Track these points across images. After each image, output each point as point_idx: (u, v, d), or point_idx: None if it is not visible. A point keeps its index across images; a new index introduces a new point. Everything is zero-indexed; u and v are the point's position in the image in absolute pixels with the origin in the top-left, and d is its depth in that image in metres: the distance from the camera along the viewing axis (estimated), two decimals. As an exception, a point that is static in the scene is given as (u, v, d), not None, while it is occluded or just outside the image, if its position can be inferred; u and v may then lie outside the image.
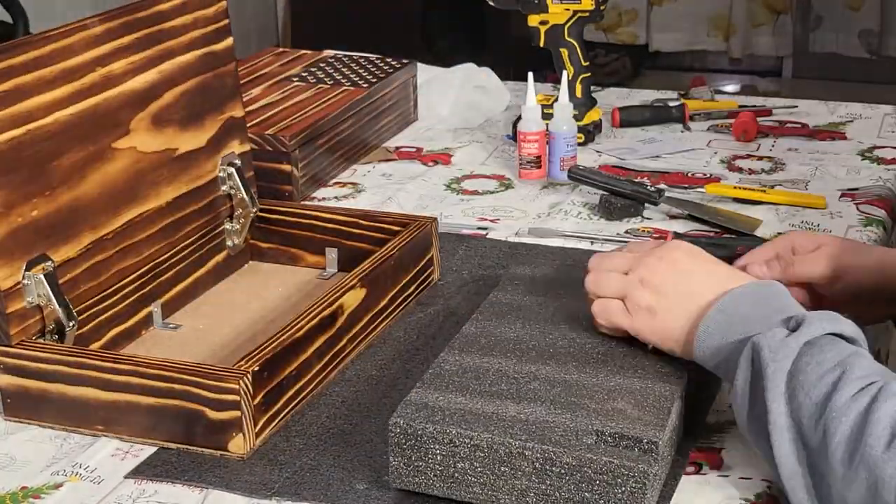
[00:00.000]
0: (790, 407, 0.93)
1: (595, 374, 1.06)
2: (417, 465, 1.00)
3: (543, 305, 1.18)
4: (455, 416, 0.99)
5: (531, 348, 1.10)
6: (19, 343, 1.14)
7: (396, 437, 1.00)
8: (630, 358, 1.08)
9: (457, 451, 0.98)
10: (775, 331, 0.97)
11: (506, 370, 1.07)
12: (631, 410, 1.00)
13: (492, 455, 0.97)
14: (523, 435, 0.97)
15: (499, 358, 1.09)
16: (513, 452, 0.97)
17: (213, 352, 1.26)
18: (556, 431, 0.97)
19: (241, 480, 1.05)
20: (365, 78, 1.83)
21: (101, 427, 1.12)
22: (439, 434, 0.98)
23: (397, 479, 1.01)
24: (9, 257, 1.12)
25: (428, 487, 1.00)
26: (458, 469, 0.99)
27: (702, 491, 1.02)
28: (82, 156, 1.20)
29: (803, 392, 0.93)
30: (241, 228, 1.43)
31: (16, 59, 1.13)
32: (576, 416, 0.99)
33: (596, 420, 0.98)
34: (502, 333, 1.13)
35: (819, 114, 1.97)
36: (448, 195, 1.67)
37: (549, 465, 0.96)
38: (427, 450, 0.99)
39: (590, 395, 1.02)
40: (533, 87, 1.70)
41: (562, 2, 1.78)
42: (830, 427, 0.90)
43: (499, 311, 1.18)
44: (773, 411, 0.94)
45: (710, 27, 5.06)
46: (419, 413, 1.00)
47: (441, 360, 1.09)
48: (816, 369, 0.93)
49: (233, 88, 1.41)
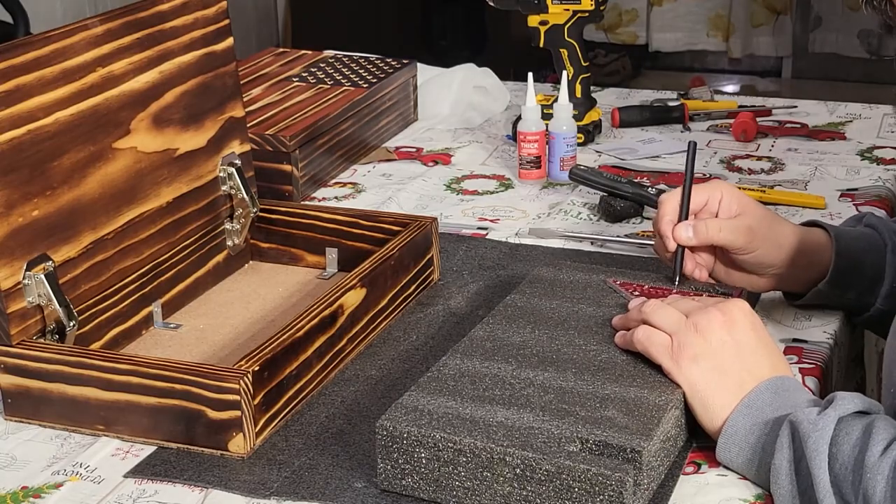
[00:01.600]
0: (831, 475, 0.95)
1: (592, 382, 1.05)
2: (404, 467, 1.00)
3: (556, 310, 1.18)
4: (441, 421, 1.00)
5: (534, 354, 1.10)
6: (20, 343, 1.14)
7: (383, 440, 1.00)
8: (630, 367, 1.08)
9: (441, 455, 0.99)
10: (809, 409, 0.99)
11: (503, 375, 1.07)
12: (620, 419, 1.00)
13: (474, 460, 0.97)
14: (505, 441, 0.97)
15: (499, 363, 1.09)
16: (494, 458, 0.97)
17: (214, 352, 1.26)
18: (540, 438, 0.97)
19: (241, 480, 1.05)
20: (365, 78, 1.83)
21: (101, 427, 1.12)
22: (424, 438, 0.99)
23: (385, 482, 1.02)
24: (9, 257, 1.12)
25: (414, 490, 1.01)
26: (442, 473, 0.99)
27: (701, 491, 1.02)
28: (83, 156, 1.20)
29: (839, 463, 0.95)
30: (242, 228, 1.43)
31: (16, 60, 1.13)
32: (563, 423, 0.99)
33: (583, 428, 0.98)
34: (509, 338, 1.13)
35: (818, 114, 1.97)
36: (448, 195, 1.67)
37: (529, 472, 0.96)
38: (412, 453, 1.00)
39: (582, 403, 1.02)
40: (533, 87, 1.70)
41: (562, 2, 1.78)
42: (868, 487, 0.92)
43: (511, 314, 1.18)
44: (819, 481, 0.95)
45: (710, 27, 5.06)
46: (406, 416, 1.01)
47: (441, 364, 1.09)
48: (847, 440, 0.95)
49: (233, 88, 1.41)
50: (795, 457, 0.98)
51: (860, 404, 0.98)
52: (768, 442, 1.00)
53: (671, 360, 1.06)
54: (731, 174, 1.71)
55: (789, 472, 0.98)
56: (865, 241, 1.28)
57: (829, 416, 0.97)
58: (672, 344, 1.06)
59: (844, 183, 1.67)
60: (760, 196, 1.60)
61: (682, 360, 1.05)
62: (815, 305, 1.30)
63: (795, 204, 1.59)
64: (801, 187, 1.66)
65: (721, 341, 1.05)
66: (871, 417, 0.97)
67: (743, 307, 1.08)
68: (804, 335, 1.26)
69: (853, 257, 1.26)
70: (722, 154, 1.79)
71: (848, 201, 1.60)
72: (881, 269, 1.27)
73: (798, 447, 0.97)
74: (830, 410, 0.97)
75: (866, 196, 1.62)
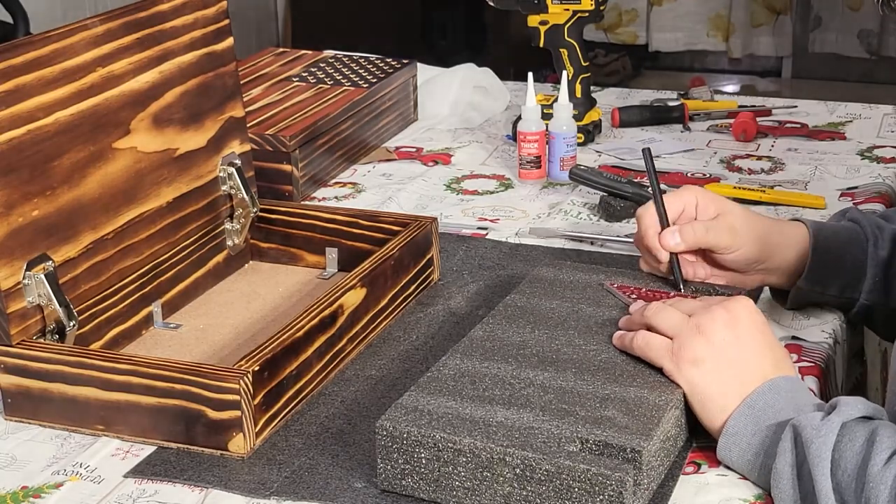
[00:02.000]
0: (834, 482, 0.94)
1: (592, 382, 1.05)
2: (404, 468, 1.00)
3: (556, 310, 1.18)
4: (441, 421, 1.00)
5: (534, 354, 1.10)
6: (20, 343, 1.14)
7: (383, 440, 1.00)
8: (630, 367, 1.08)
9: (441, 456, 0.99)
10: (812, 414, 0.98)
11: (503, 375, 1.07)
12: (620, 418, 0.99)
13: (474, 460, 0.97)
14: (505, 441, 0.97)
15: (499, 363, 1.09)
16: (494, 458, 0.97)
17: (214, 352, 1.26)
18: (540, 438, 0.97)
19: (241, 480, 1.05)
20: (365, 78, 1.83)
21: (101, 427, 1.12)
22: (424, 438, 0.99)
23: (385, 482, 1.02)
24: (9, 257, 1.12)
25: (414, 490, 1.01)
26: (442, 473, 0.99)
27: (701, 491, 1.02)
28: (83, 156, 1.20)
29: (841, 470, 0.94)
30: (242, 228, 1.43)
31: (16, 60, 1.13)
32: (563, 423, 0.99)
33: (583, 427, 0.98)
34: (509, 338, 1.13)
35: (818, 114, 1.97)
36: (448, 195, 1.67)
37: (529, 472, 0.96)
38: (412, 453, 1.00)
39: (582, 403, 1.02)
40: (533, 87, 1.70)
41: (561, 2, 1.78)
42: (871, 497, 0.92)
43: (511, 314, 1.18)
44: (821, 487, 0.94)
45: (710, 27, 5.06)
46: (406, 416, 1.01)
47: (441, 364, 1.09)
48: (850, 447, 0.95)
49: (233, 88, 1.41)
50: (798, 461, 0.97)
51: (863, 409, 0.98)
52: (770, 445, 1.00)
53: (671, 363, 1.06)
54: (731, 174, 1.71)
55: (791, 477, 0.97)
56: (846, 235, 1.27)
57: (833, 423, 0.96)
58: (672, 346, 1.06)
59: (844, 182, 1.67)
60: (760, 196, 1.60)
61: (683, 362, 1.05)
62: (814, 304, 1.30)
63: (795, 204, 1.59)
64: (801, 187, 1.66)
65: (724, 340, 1.05)
66: (874, 424, 0.97)
67: (747, 305, 1.07)
68: (803, 334, 1.26)
69: (832, 251, 1.25)
70: (722, 154, 1.80)
71: (848, 200, 1.60)
72: (863, 263, 1.26)
73: (800, 452, 0.97)
74: (834, 416, 0.97)
75: (866, 193, 1.62)
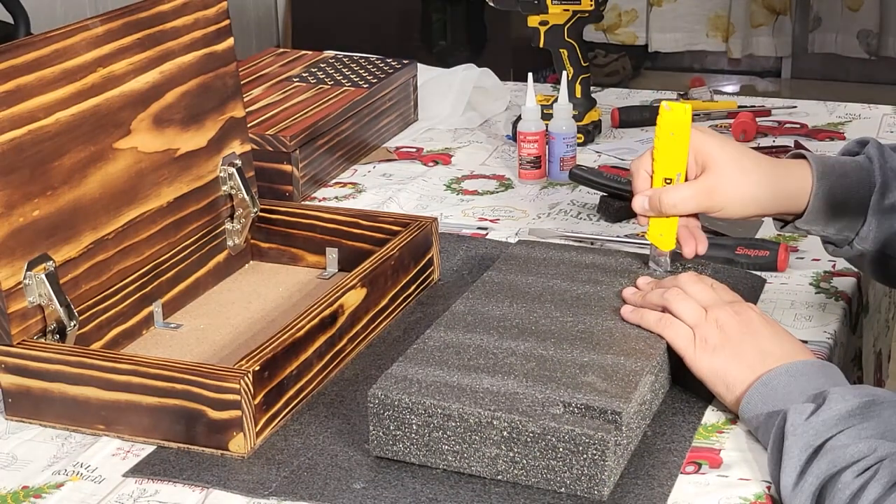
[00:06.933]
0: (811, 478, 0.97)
1: (571, 351, 1.11)
2: (395, 434, 1.05)
3: (532, 285, 1.23)
4: (431, 388, 1.04)
5: (514, 325, 1.15)
6: (21, 343, 1.14)
7: (375, 408, 1.05)
8: (607, 336, 1.13)
9: (431, 421, 1.03)
10: (804, 406, 1.01)
11: (486, 346, 1.12)
12: (599, 384, 1.05)
13: (463, 424, 1.02)
14: (493, 406, 1.02)
15: (481, 334, 1.14)
16: (482, 422, 1.01)
17: (214, 352, 1.27)
18: (525, 402, 1.02)
19: (241, 480, 1.05)
20: (365, 78, 1.84)
21: (101, 426, 1.12)
22: (415, 405, 1.03)
23: (377, 448, 1.06)
24: (10, 257, 1.13)
25: (405, 455, 1.05)
26: (432, 438, 1.04)
27: (701, 491, 1.03)
28: (83, 156, 1.20)
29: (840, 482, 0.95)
30: (242, 228, 1.43)
31: (17, 60, 1.13)
32: (546, 388, 1.04)
33: (565, 392, 1.03)
34: (489, 311, 1.18)
35: (818, 114, 1.97)
36: (448, 195, 1.67)
37: (515, 434, 1.01)
38: (403, 419, 1.04)
39: (562, 370, 1.07)
40: (533, 88, 1.70)
41: (561, 2, 1.78)
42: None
43: (489, 289, 1.23)
44: (784, 485, 0.98)
45: (710, 27, 5.06)
46: (397, 385, 1.05)
47: (426, 337, 1.13)
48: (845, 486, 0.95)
49: (233, 89, 1.41)
50: (775, 448, 1.02)
51: (852, 400, 0.99)
52: (770, 426, 1.04)
53: (694, 353, 1.11)
54: (730, 174, 1.71)
55: (774, 458, 1.01)
56: (855, 177, 1.20)
57: (812, 424, 0.98)
58: (695, 337, 1.11)
59: (844, 183, 1.67)
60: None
61: (705, 352, 1.10)
62: (815, 305, 1.31)
63: (795, 204, 1.59)
64: (800, 187, 1.66)
65: (741, 333, 1.10)
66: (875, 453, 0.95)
67: (755, 309, 1.13)
68: (804, 335, 1.26)
69: (836, 197, 1.20)
70: (722, 154, 1.79)
71: (847, 201, 1.60)
72: (866, 207, 1.20)
73: (777, 439, 1.01)
74: (814, 418, 0.99)
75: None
